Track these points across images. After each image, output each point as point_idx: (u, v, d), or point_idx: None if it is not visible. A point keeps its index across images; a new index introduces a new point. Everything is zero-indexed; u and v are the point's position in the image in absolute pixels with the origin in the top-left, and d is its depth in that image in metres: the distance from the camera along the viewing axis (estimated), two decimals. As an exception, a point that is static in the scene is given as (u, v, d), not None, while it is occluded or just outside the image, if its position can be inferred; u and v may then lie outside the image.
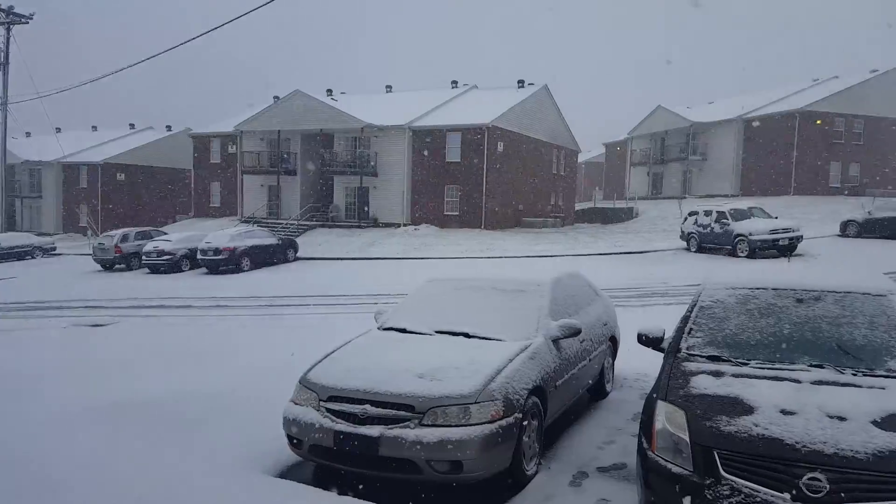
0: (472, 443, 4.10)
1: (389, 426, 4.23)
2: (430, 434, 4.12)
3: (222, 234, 24.61)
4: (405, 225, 33.07)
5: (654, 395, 3.86)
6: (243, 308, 15.10)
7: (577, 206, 45.53)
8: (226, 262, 23.17)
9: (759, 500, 3.13)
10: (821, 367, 3.89)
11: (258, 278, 21.45)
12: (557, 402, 5.26)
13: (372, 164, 33.90)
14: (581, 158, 53.01)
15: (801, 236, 20.35)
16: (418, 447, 4.10)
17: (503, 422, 4.26)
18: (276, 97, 38.77)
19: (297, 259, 25.90)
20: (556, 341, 5.31)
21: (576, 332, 5.40)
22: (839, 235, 24.19)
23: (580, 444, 5.32)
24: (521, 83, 38.52)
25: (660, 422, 3.60)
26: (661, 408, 3.68)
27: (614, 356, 7.11)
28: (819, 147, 39.12)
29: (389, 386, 4.40)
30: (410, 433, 4.15)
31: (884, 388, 3.57)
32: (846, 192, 38.37)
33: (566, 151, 42.20)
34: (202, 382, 6.98)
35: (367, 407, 4.33)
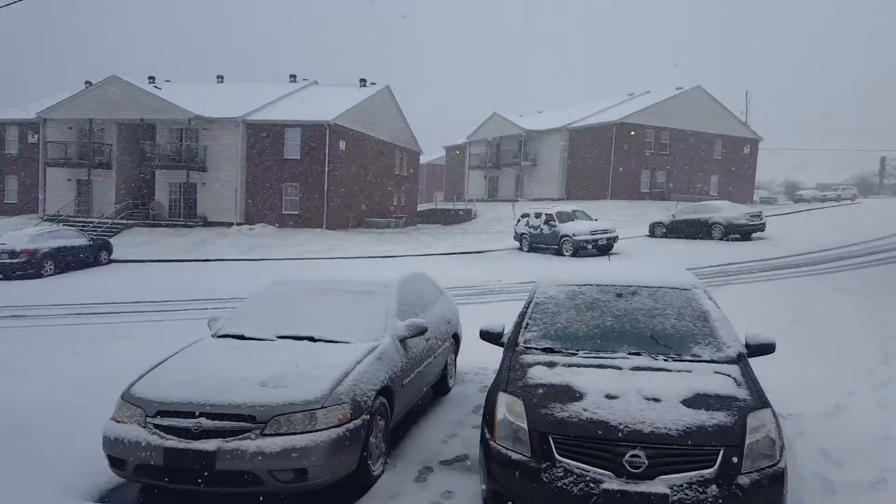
0: (319, 448, 4.06)
1: (227, 439, 4.03)
2: (272, 443, 3.99)
3: (20, 234, 21.65)
4: (239, 224, 31.60)
5: (496, 388, 4.09)
6: (46, 318, 13.38)
7: (420, 208, 46.35)
8: (24, 267, 20.35)
9: (588, 478, 3.43)
10: (638, 354, 4.34)
11: (65, 284, 19.26)
12: (404, 400, 5.36)
13: (200, 158, 31.93)
14: (423, 160, 54.08)
15: (617, 237, 22.49)
16: (260, 458, 3.96)
17: (350, 425, 4.26)
18: (87, 82, 35.11)
19: (111, 262, 23.66)
20: (403, 341, 5.41)
21: (422, 331, 5.53)
22: (648, 236, 26.97)
23: (424, 440, 5.46)
24: (363, 82, 38.44)
25: (501, 412, 3.82)
26: (502, 399, 3.90)
27: (457, 352, 7.38)
28: (632, 156, 43.32)
29: (227, 396, 4.19)
30: (251, 444, 3.99)
31: (690, 371, 4.07)
32: (654, 197, 42.93)
33: (409, 153, 42.84)
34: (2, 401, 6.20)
35: (202, 420, 4.08)
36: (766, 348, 4.51)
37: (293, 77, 39.95)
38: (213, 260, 24.18)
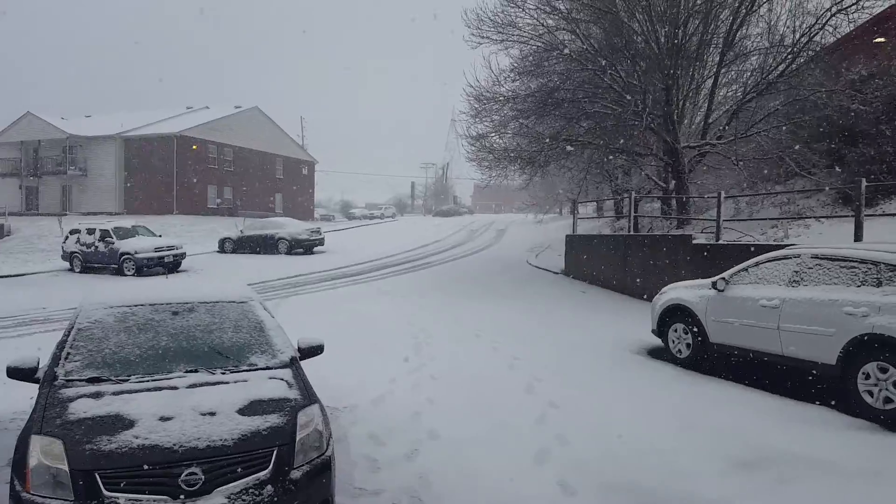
0: None
1: None
2: None
3: None
4: None
5: (28, 430, 3.63)
6: None
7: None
8: None
9: None
10: (196, 371, 4.34)
11: None
12: None
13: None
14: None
15: (185, 253, 21.81)
16: None
17: None
18: None
19: None
20: None
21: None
22: (218, 252, 26.88)
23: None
24: None
25: (34, 457, 3.42)
26: (36, 442, 3.49)
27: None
28: (197, 170, 42.36)
29: None
30: None
31: (246, 381, 4.24)
32: (223, 213, 42.81)
33: None
34: None
35: None
36: (316, 350, 5.04)
37: None
38: None
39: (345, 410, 6.60)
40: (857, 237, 10.06)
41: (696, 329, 8.34)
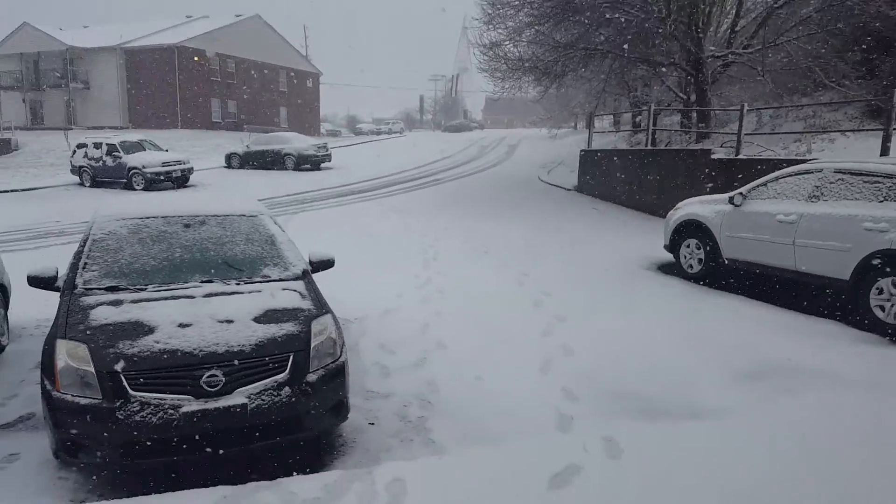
0: None
1: None
2: None
3: None
4: None
5: (54, 335, 3.78)
6: None
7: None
8: None
9: (167, 405, 3.49)
10: (211, 281, 4.46)
11: None
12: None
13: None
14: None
15: (192, 168, 21.68)
16: None
17: None
18: None
19: None
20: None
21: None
22: (225, 167, 26.73)
23: (-26, 408, 4.70)
24: None
25: (62, 360, 3.57)
26: (62, 346, 3.64)
27: (6, 306, 6.35)
28: (200, 83, 41.56)
29: None
30: None
31: (261, 292, 4.37)
32: (227, 128, 42.32)
33: None
34: None
35: None
36: (327, 264, 5.12)
37: None
38: None
39: (355, 322, 6.75)
40: (884, 151, 9.80)
41: (709, 244, 8.31)
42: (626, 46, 16.34)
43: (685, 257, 8.73)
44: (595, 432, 3.98)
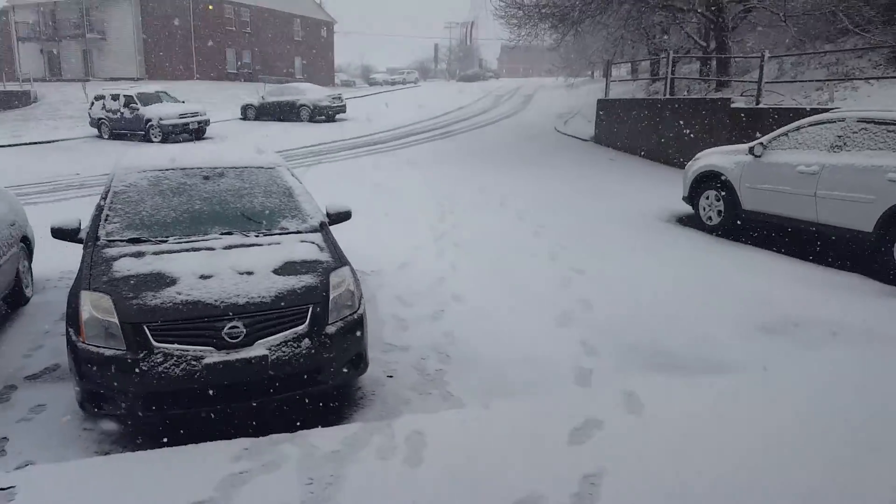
0: None
1: None
2: None
3: None
4: None
5: (78, 287, 3.83)
6: None
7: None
8: None
9: (189, 357, 3.53)
10: (230, 233, 4.48)
11: None
12: (-36, 319, 4.58)
13: None
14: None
15: (209, 120, 21.62)
16: None
17: None
18: None
19: None
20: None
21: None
22: (241, 119, 26.61)
23: (1, 358, 4.82)
24: None
25: (86, 311, 3.62)
26: (86, 297, 3.69)
27: (30, 258, 6.46)
28: (215, 33, 41.02)
29: None
30: None
31: (280, 244, 4.38)
32: (242, 79, 41.90)
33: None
34: None
35: None
36: (344, 216, 5.12)
37: None
38: None
39: (371, 274, 6.77)
40: (910, 100, 9.50)
41: (728, 196, 8.18)
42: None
43: (704, 209, 8.61)
44: (615, 386, 4.01)
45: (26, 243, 6.33)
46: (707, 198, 8.55)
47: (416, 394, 4.29)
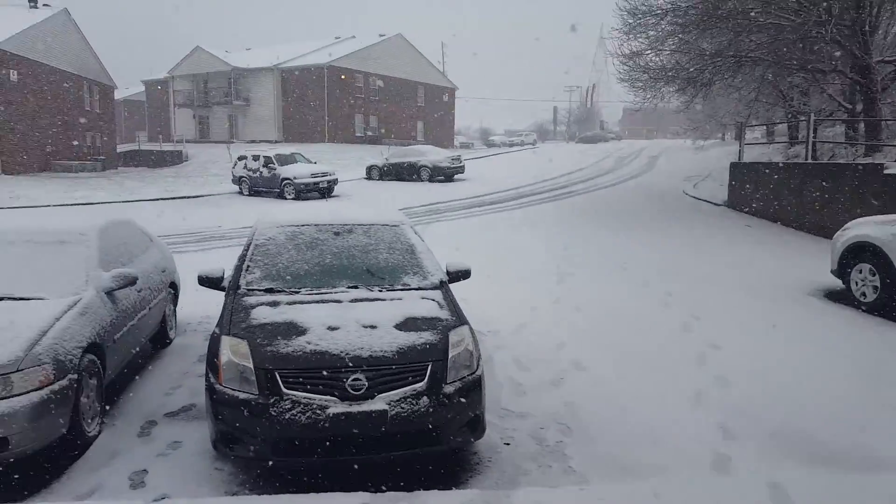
0: (19, 415, 3.61)
1: None
2: None
3: None
4: None
5: (218, 332, 4.04)
6: None
7: (120, 149, 41.34)
8: None
9: (315, 405, 3.60)
10: (356, 287, 4.61)
11: None
12: (118, 356, 4.95)
13: None
14: (119, 96, 47.96)
15: (337, 179, 22.91)
16: None
17: (55, 386, 3.83)
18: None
19: None
20: (110, 293, 4.93)
21: (132, 282, 5.10)
22: (365, 178, 27.94)
23: (146, 395, 5.15)
24: (33, 2, 32.23)
25: (225, 355, 3.80)
26: (226, 342, 3.88)
27: (176, 302, 6.97)
28: (345, 99, 43.92)
29: None
30: None
31: (401, 299, 4.45)
32: (368, 141, 44.29)
33: (100, 87, 37.50)
34: None
35: None
36: (464, 274, 5.13)
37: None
38: None
39: (489, 334, 6.67)
40: None
41: (885, 270, 7.40)
42: (780, 53, 15.13)
43: (857, 284, 7.83)
44: (759, 477, 3.60)
45: (174, 289, 6.84)
46: (860, 272, 7.78)
47: (534, 465, 4.09)
